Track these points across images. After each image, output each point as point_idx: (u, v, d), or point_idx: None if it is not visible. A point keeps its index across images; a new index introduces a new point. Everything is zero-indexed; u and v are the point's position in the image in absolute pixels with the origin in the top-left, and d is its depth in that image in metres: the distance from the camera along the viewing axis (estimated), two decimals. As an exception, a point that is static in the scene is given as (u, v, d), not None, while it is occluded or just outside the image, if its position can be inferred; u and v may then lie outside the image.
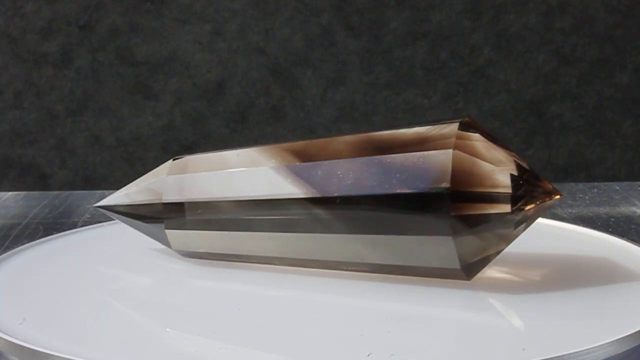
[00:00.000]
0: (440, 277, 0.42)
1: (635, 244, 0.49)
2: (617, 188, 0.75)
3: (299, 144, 0.44)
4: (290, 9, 0.78)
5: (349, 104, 0.79)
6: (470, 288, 0.43)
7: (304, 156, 0.43)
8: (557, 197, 0.40)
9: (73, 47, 0.78)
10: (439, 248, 0.40)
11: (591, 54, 0.79)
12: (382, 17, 0.78)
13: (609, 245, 0.50)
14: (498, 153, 0.39)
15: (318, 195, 0.42)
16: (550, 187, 0.40)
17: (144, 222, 0.48)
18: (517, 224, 0.40)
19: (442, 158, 0.39)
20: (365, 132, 0.43)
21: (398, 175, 0.40)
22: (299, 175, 0.43)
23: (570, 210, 0.68)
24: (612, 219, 0.65)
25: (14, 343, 0.37)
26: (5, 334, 0.37)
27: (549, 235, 0.52)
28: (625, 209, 0.69)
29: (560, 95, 0.79)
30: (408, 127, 0.42)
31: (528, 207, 0.39)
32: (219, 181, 0.46)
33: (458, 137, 0.39)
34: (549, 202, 0.40)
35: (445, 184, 0.39)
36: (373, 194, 0.41)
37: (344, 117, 0.79)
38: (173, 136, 0.79)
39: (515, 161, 0.39)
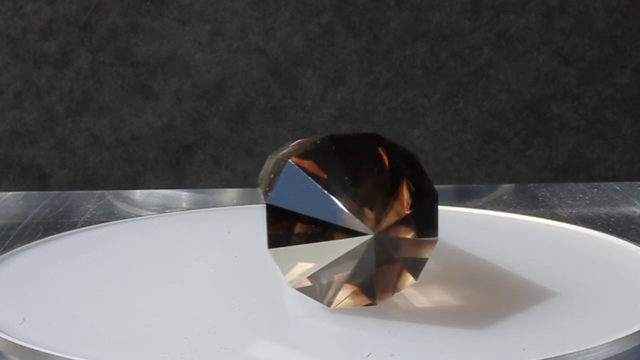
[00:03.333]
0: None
1: (635, 244, 0.49)
2: (617, 188, 0.75)
3: None
4: (290, 9, 0.78)
5: (349, 104, 0.79)
6: (468, 288, 0.43)
7: None
8: (368, 236, 0.36)
9: (73, 47, 0.78)
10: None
11: (591, 54, 0.79)
12: (382, 17, 0.78)
13: (609, 245, 0.50)
14: (338, 175, 0.37)
15: None
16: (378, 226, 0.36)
17: None
18: (350, 255, 0.37)
19: (271, 167, 0.38)
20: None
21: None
22: None
23: (570, 210, 0.68)
24: (612, 219, 0.65)
25: (14, 343, 0.37)
26: (5, 334, 0.37)
27: (548, 235, 0.53)
28: (625, 209, 0.69)
29: (560, 95, 0.79)
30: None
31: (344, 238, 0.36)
32: None
33: (298, 146, 0.38)
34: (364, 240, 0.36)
35: (267, 195, 0.38)
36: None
37: (344, 117, 0.79)
38: (173, 136, 0.79)
39: (354, 190, 0.37)
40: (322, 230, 0.37)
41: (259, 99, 0.79)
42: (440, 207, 0.54)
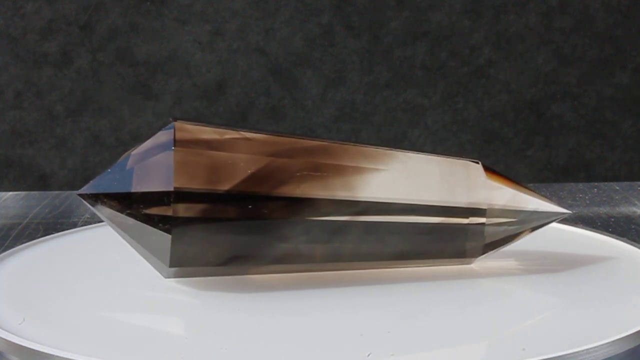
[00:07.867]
0: None
1: (635, 245, 0.49)
2: (617, 188, 0.75)
3: None
4: (290, 9, 0.78)
5: (349, 104, 0.79)
6: (469, 289, 0.43)
7: None
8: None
9: (73, 47, 0.78)
10: None
11: (591, 54, 0.79)
12: (382, 17, 0.78)
13: (609, 246, 0.50)
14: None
15: None
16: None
17: None
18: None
19: None
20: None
21: None
22: None
23: (570, 210, 0.68)
24: (612, 219, 0.65)
25: (14, 343, 0.37)
26: (6, 333, 0.37)
27: (548, 235, 0.53)
28: (625, 209, 0.69)
29: (560, 95, 0.79)
30: None
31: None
32: None
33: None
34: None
35: None
36: None
37: (344, 117, 0.79)
38: (173, 136, 0.79)
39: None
40: None
41: (259, 99, 0.79)
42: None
